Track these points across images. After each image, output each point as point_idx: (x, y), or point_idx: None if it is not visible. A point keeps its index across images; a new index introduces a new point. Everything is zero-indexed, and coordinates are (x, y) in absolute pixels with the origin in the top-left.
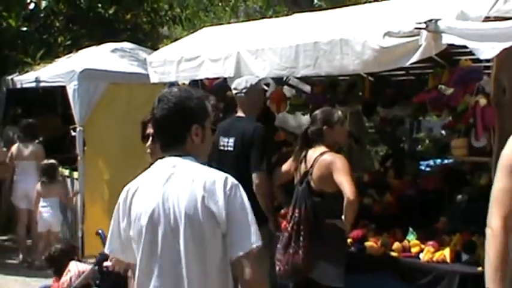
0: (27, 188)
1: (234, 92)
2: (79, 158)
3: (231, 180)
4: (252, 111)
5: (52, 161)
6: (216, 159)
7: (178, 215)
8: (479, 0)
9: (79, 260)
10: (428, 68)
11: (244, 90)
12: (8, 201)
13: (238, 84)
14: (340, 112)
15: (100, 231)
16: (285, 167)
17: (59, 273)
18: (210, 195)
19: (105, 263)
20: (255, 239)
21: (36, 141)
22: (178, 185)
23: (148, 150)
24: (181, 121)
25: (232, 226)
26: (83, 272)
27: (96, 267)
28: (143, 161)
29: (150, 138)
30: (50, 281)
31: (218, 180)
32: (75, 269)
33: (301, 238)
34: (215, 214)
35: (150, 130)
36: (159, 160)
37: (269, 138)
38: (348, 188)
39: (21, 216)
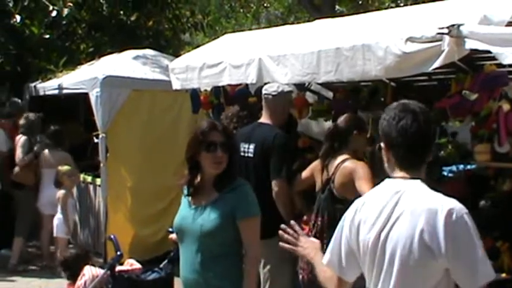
0: (53, 194)
1: (264, 92)
2: (102, 164)
3: (457, 209)
4: (278, 117)
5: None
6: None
7: (396, 241)
8: (502, 5)
9: (93, 265)
10: (450, 74)
11: (273, 93)
12: (33, 208)
13: (270, 87)
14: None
15: (112, 237)
16: (305, 173)
17: (73, 277)
18: (429, 229)
19: (118, 268)
20: (482, 279)
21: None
22: (404, 212)
23: (214, 160)
24: (430, 141)
25: (457, 263)
26: (97, 276)
27: (109, 272)
28: (165, 167)
29: (219, 146)
30: (65, 286)
31: (441, 210)
32: (89, 273)
33: (324, 246)
34: (432, 249)
35: (215, 138)
36: (389, 179)
37: (289, 146)
38: None
39: (45, 223)
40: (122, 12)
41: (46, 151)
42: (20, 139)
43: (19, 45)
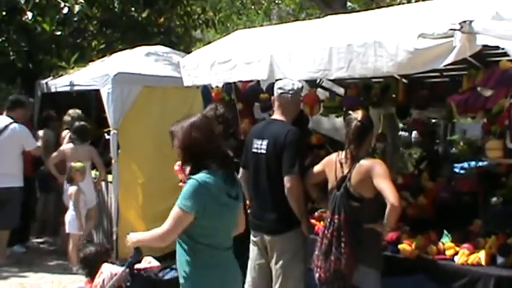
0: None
1: (279, 91)
2: (113, 161)
3: None
4: (291, 114)
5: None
6: (251, 162)
7: None
8: None
9: (112, 262)
10: (462, 70)
11: (291, 92)
12: (44, 206)
13: (285, 85)
14: None
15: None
16: (317, 168)
17: (92, 275)
18: None
19: (136, 266)
20: None
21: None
22: None
23: None
24: None
25: None
26: (116, 274)
27: (128, 270)
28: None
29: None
30: (82, 284)
31: None
32: (107, 271)
33: (342, 244)
34: None
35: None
36: None
37: (302, 142)
38: (391, 195)
39: None
40: (133, 9)
41: (72, 146)
42: (68, 135)
43: (30, 42)
